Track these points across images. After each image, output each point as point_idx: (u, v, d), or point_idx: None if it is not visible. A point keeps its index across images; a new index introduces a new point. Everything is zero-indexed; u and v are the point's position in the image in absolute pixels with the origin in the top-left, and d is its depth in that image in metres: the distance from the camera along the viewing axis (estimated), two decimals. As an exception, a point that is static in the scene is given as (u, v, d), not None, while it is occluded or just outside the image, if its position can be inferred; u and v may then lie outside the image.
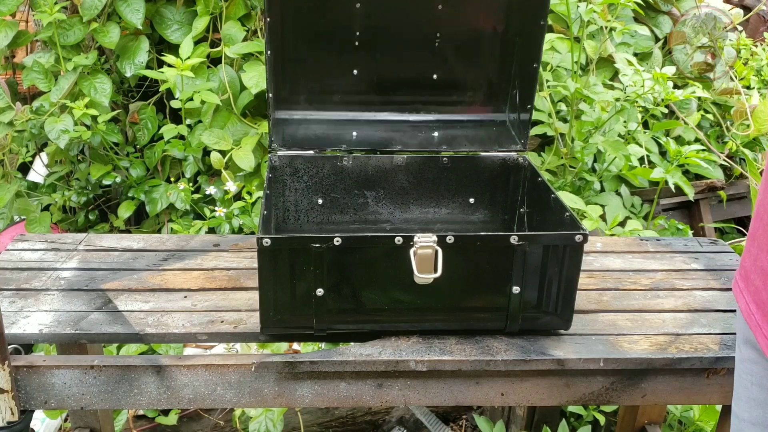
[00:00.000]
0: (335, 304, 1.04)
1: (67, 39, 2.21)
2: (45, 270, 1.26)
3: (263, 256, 0.99)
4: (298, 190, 1.33)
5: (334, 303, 1.04)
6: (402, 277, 1.02)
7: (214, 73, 2.23)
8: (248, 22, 2.27)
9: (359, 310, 1.06)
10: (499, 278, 1.04)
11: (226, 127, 2.21)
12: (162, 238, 1.39)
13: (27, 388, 1.04)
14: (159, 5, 2.29)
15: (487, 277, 1.05)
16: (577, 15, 2.09)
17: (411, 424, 2.01)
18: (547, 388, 1.09)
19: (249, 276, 1.26)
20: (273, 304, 1.03)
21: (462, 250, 1.01)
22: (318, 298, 1.02)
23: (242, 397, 1.07)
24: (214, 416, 1.93)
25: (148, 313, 1.14)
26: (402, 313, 1.06)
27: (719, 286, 1.28)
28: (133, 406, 1.08)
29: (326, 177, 1.34)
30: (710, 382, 1.10)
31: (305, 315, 1.04)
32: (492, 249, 1.02)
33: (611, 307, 1.20)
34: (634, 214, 2.19)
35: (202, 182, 2.24)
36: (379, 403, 1.09)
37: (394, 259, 1.01)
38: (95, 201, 2.40)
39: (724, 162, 2.34)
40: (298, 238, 1.00)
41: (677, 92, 1.93)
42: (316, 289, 1.02)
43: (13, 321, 1.10)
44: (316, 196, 1.33)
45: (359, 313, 1.06)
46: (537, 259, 1.03)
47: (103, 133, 2.20)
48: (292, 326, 1.07)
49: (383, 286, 1.04)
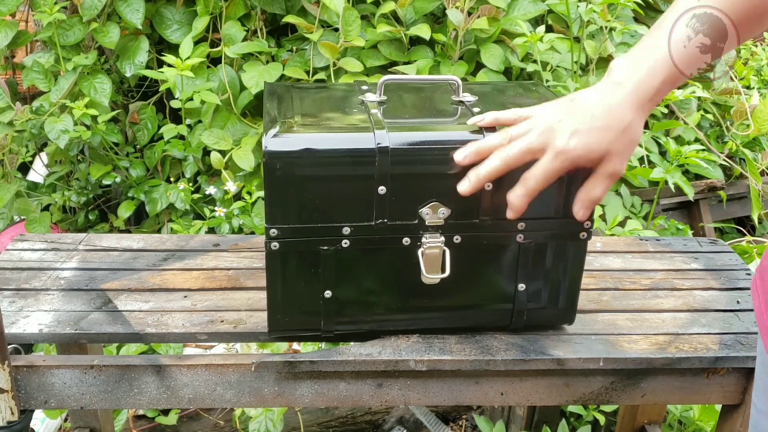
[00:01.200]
0: (343, 305, 1.03)
1: (67, 39, 2.21)
2: (45, 270, 1.26)
3: (271, 259, 0.98)
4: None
5: (342, 304, 1.03)
6: (410, 277, 1.01)
7: (214, 73, 2.23)
8: (248, 22, 2.28)
9: (367, 311, 1.05)
10: (505, 276, 1.04)
11: (226, 127, 2.21)
12: (162, 238, 1.39)
13: (27, 387, 1.04)
14: (159, 5, 2.30)
15: (493, 275, 1.05)
16: (577, 15, 2.09)
17: (411, 424, 2.01)
18: (547, 387, 1.09)
19: (249, 276, 1.26)
20: (281, 306, 1.02)
21: (468, 250, 1.01)
22: (326, 300, 1.02)
23: (242, 397, 1.07)
24: (214, 416, 1.93)
25: (147, 313, 1.14)
26: (409, 312, 1.06)
27: (719, 285, 1.28)
28: (133, 406, 1.08)
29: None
30: (710, 382, 1.10)
31: (313, 317, 1.04)
32: (498, 248, 1.02)
33: (611, 307, 1.20)
34: (633, 214, 2.19)
35: (202, 182, 2.24)
36: (378, 402, 1.09)
37: (402, 260, 1.00)
38: (95, 201, 2.40)
39: (724, 162, 2.34)
40: (306, 241, 0.99)
41: (677, 92, 1.93)
42: (324, 291, 1.01)
43: (13, 321, 1.10)
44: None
45: (367, 314, 1.06)
46: (542, 256, 1.03)
47: (103, 133, 2.20)
48: (300, 328, 1.06)
49: (391, 286, 1.04)
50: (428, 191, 0.97)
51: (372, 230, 0.98)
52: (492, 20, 2.19)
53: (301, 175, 0.94)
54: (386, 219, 0.97)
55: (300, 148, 0.93)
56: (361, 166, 0.94)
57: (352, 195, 0.96)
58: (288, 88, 1.15)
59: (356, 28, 2.08)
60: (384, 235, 0.99)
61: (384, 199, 0.96)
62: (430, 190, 0.97)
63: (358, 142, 0.94)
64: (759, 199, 2.17)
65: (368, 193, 0.96)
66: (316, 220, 0.97)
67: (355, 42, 2.08)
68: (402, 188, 0.96)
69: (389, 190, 0.95)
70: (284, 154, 0.93)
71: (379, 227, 0.98)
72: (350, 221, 0.97)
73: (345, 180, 0.95)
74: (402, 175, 0.95)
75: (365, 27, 2.18)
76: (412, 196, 0.97)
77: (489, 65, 2.16)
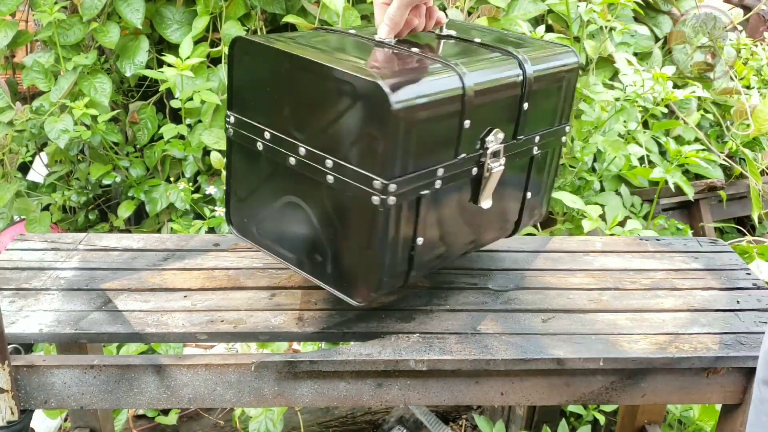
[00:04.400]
0: (426, 250, 1.05)
1: (67, 39, 2.21)
2: (45, 270, 1.26)
3: (384, 216, 0.96)
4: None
5: (427, 249, 1.05)
6: (470, 207, 1.09)
7: (214, 73, 2.23)
8: (248, 22, 2.28)
9: (442, 253, 1.11)
10: (520, 188, 1.19)
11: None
12: (162, 238, 1.39)
13: (27, 387, 1.04)
14: (159, 5, 2.30)
15: (512, 188, 1.17)
16: (576, 15, 2.09)
17: (411, 423, 2.01)
18: (547, 387, 1.09)
19: (249, 275, 1.26)
20: (387, 268, 1.01)
21: (508, 169, 1.11)
22: (419, 248, 1.03)
23: (242, 397, 1.07)
24: (214, 416, 1.93)
25: (147, 313, 1.14)
26: (470, 241, 1.16)
27: (719, 285, 1.28)
28: (133, 406, 1.08)
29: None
30: (710, 382, 1.10)
31: (402, 269, 1.04)
32: (522, 163, 1.16)
33: (611, 307, 1.20)
34: (633, 213, 2.19)
35: (202, 182, 2.24)
36: (378, 402, 1.09)
37: (467, 191, 1.08)
38: (95, 201, 2.40)
39: (724, 162, 2.34)
40: (410, 190, 0.98)
41: (677, 92, 1.93)
42: (417, 239, 1.02)
43: (13, 321, 1.10)
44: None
45: (441, 257, 1.11)
46: (543, 165, 1.21)
47: (103, 133, 2.20)
48: (394, 286, 1.07)
49: (458, 220, 1.10)
50: (491, 120, 1.05)
51: (456, 166, 1.02)
52: (492, 20, 2.19)
53: (420, 120, 0.95)
54: (465, 153, 1.03)
55: (417, 97, 0.94)
56: (452, 105, 0.98)
57: (443, 135, 1.00)
58: (287, 42, 1.10)
59: (356, 27, 2.08)
60: (464, 167, 1.04)
61: (467, 132, 1.01)
62: (492, 118, 1.05)
63: (448, 85, 0.98)
64: (759, 198, 2.17)
65: (455, 130, 1.00)
66: (419, 166, 0.97)
67: (355, 42, 2.08)
68: (478, 120, 1.02)
69: (471, 123, 1.01)
70: (410, 106, 0.93)
71: (462, 162, 1.03)
72: (441, 162, 1.00)
73: (442, 120, 0.99)
74: (479, 107, 1.01)
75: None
76: (481, 126, 1.04)
77: (489, 65, 2.16)
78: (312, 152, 0.99)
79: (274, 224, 1.10)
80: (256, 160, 1.08)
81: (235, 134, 1.09)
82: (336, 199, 0.99)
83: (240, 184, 1.13)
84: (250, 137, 1.06)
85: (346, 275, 1.03)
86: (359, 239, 1.00)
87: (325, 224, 1.02)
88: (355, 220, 0.99)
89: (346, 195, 0.97)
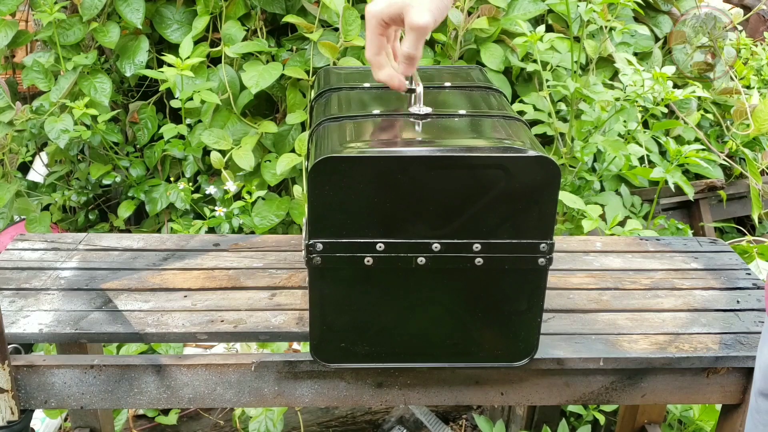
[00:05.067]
0: None
1: (67, 39, 2.21)
2: (45, 269, 1.26)
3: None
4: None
5: None
6: None
7: (214, 73, 2.23)
8: (248, 22, 2.28)
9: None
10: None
11: (226, 126, 2.21)
12: (162, 238, 1.39)
13: (27, 387, 1.04)
14: (159, 5, 2.30)
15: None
16: (576, 15, 2.09)
17: (411, 423, 2.01)
18: (547, 387, 1.09)
19: (249, 276, 1.26)
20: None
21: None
22: None
23: (242, 397, 1.07)
24: (214, 416, 1.93)
25: (148, 313, 1.14)
26: None
27: (719, 285, 1.28)
28: (133, 406, 1.08)
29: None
30: (710, 382, 1.10)
31: None
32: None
33: (611, 307, 1.20)
34: (633, 213, 2.19)
35: (202, 182, 2.24)
36: (378, 402, 1.09)
37: None
38: (95, 201, 2.40)
39: (724, 162, 2.34)
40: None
41: (677, 92, 1.93)
42: None
43: (13, 321, 1.10)
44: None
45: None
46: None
47: (103, 133, 2.20)
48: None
49: None
50: None
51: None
52: (492, 20, 2.19)
53: None
54: None
55: None
56: None
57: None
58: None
59: (356, 27, 2.08)
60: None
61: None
62: None
63: None
64: (759, 198, 2.17)
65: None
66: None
67: (355, 42, 2.08)
68: None
69: None
70: None
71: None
72: None
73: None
74: None
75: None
76: None
77: (489, 65, 2.16)
78: (451, 244, 0.94)
79: (395, 333, 1.01)
80: (362, 278, 0.97)
81: (327, 261, 0.95)
82: (485, 278, 0.96)
83: (336, 312, 0.99)
84: (353, 257, 0.95)
85: (501, 345, 1.01)
86: (518, 305, 0.98)
87: (469, 306, 0.99)
88: (512, 290, 0.97)
89: (500, 269, 0.95)
